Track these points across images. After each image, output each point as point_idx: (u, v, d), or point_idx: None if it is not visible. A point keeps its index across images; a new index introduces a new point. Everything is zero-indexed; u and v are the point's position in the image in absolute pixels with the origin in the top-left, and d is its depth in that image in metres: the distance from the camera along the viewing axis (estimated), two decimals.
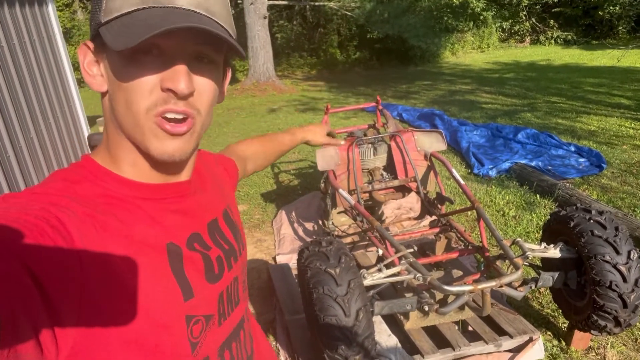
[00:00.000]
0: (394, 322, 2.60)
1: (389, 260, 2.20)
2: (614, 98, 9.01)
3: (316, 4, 12.10)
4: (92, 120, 6.19)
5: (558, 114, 7.93)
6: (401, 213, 4.10)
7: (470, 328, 2.55)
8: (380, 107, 3.93)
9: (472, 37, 17.57)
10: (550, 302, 2.84)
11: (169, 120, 0.61)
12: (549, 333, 2.63)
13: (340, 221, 3.69)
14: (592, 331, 2.22)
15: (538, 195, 4.27)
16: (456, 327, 2.51)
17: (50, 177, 0.64)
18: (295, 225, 3.86)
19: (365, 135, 3.53)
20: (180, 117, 0.62)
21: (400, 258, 2.24)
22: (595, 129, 6.88)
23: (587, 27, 18.76)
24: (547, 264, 2.44)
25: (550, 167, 4.93)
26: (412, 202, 4.19)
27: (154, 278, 0.61)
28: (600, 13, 17.90)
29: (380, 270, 2.16)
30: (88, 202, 0.60)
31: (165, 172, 0.69)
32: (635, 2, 17.21)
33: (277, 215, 4.09)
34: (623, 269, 2.01)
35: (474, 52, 17.77)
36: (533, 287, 2.24)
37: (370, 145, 3.44)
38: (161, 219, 0.67)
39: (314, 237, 2.24)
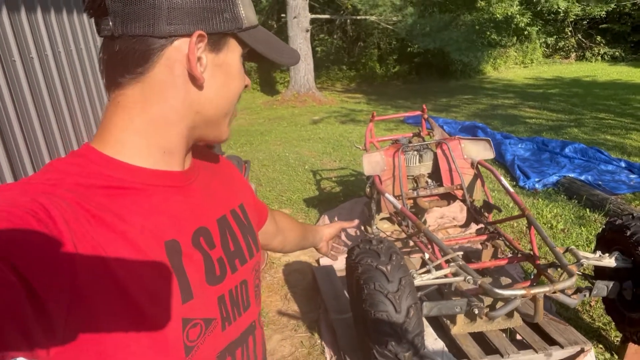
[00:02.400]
0: (439, 327, 2.59)
1: (437, 262, 2.20)
2: None
3: (357, 17, 12.23)
4: None
5: (606, 130, 7.69)
6: (444, 222, 4.07)
7: (518, 337, 2.51)
8: (426, 116, 3.95)
9: (515, 52, 17.28)
10: (602, 316, 2.76)
11: None
12: (601, 346, 2.56)
13: (383, 227, 3.70)
14: None
15: (588, 210, 4.15)
16: (504, 335, 2.48)
17: (47, 167, 0.60)
18: None
19: (410, 142, 3.55)
20: None
21: (448, 261, 2.24)
22: None
23: (636, 44, 18.12)
24: (601, 274, 2.38)
25: (600, 182, 4.79)
26: (455, 211, 4.16)
27: (151, 276, 0.58)
28: None
29: (429, 271, 2.17)
30: (85, 191, 0.57)
31: (170, 159, 0.66)
32: None
33: (319, 220, 4.14)
34: None
35: (516, 67, 17.46)
36: (587, 295, 2.20)
37: (415, 152, 3.46)
38: (165, 209, 0.64)
39: (365, 236, 2.27)
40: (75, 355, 0.52)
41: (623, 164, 5.41)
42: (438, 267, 2.22)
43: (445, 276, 2.16)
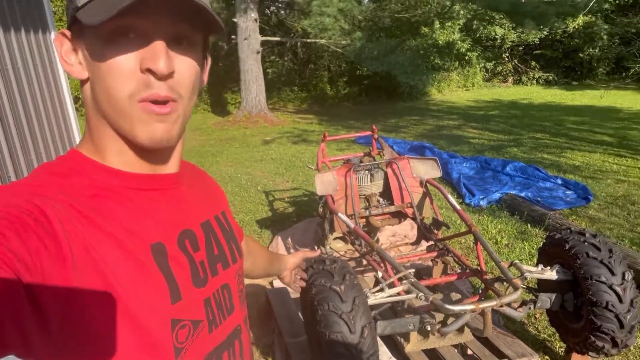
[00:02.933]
0: (394, 346, 2.60)
1: (390, 280, 2.23)
2: (597, 135, 9.33)
3: (307, 40, 12.45)
4: None
5: (543, 149, 8.16)
6: (396, 240, 4.14)
7: (469, 351, 2.56)
8: (376, 136, 4.03)
9: (458, 76, 18.14)
10: (547, 327, 2.87)
11: (153, 103, 0.61)
12: (547, 357, 2.65)
13: (336, 246, 3.71)
14: (589, 353, 2.25)
15: (529, 225, 4.36)
16: (456, 351, 2.52)
17: (36, 171, 0.61)
18: (292, 251, 3.87)
19: (361, 162, 3.61)
20: (162, 100, 0.61)
21: (400, 279, 2.27)
22: (580, 163, 7.09)
23: (567, 69, 19.52)
24: (544, 287, 2.49)
25: (539, 199, 5.06)
26: (406, 229, 4.24)
27: (140, 277, 0.59)
28: (580, 55, 18.69)
29: (382, 289, 2.19)
30: (75, 194, 0.58)
31: (153, 161, 0.67)
32: (614, 44, 18.04)
33: (272, 241, 4.10)
34: (618, 289, 2.07)
35: (459, 90, 18.31)
36: (532, 308, 2.28)
37: (367, 171, 3.52)
38: (151, 211, 0.65)
39: (318, 257, 2.27)
40: (66, 355, 0.53)
41: (560, 181, 5.75)
42: (391, 285, 2.25)
43: (398, 294, 2.18)
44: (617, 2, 17.16)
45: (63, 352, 0.53)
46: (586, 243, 2.23)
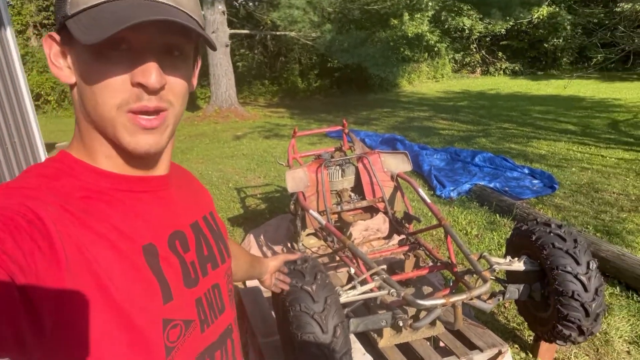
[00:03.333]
0: (367, 341, 2.60)
1: (363, 277, 2.22)
2: (561, 124, 9.59)
3: (277, 33, 12.32)
4: (50, 147, 5.98)
5: (510, 139, 8.34)
6: (369, 234, 4.15)
7: (442, 344, 2.59)
8: (347, 131, 4.02)
9: (427, 67, 18.32)
10: (516, 316, 2.94)
11: (142, 114, 0.61)
12: (516, 346, 2.71)
13: (309, 243, 3.70)
14: (557, 341, 2.31)
15: (498, 215, 4.44)
16: (428, 343, 2.55)
17: (25, 173, 0.62)
18: (264, 248, 3.84)
19: (332, 157, 3.59)
20: (152, 116, 0.61)
21: (372, 275, 2.27)
22: (546, 152, 7.27)
23: (532, 59, 19.98)
24: (512, 278, 2.53)
25: (507, 189, 5.16)
26: (379, 223, 4.26)
27: (132, 278, 0.60)
28: (545, 45, 19.14)
29: (354, 287, 2.18)
30: (66, 196, 0.59)
31: (142, 166, 0.68)
32: (577, 35, 18.53)
33: (245, 239, 4.05)
34: (584, 278, 2.12)
35: (429, 81, 18.51)
36: (501, 299, 2.32)
37: (338, 167, 3.50)
38: (142, 213, 0.66)
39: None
40: (60, 356, 0.54)
41: (526, 171, 5.88)
42: (363, 282, 2.24)
43: (371, 290, 2.18)
44: None
45: (57, 353, 0.53)
46: (552, 234, 2.27)
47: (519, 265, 2.35)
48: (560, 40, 19.08)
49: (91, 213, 0.59)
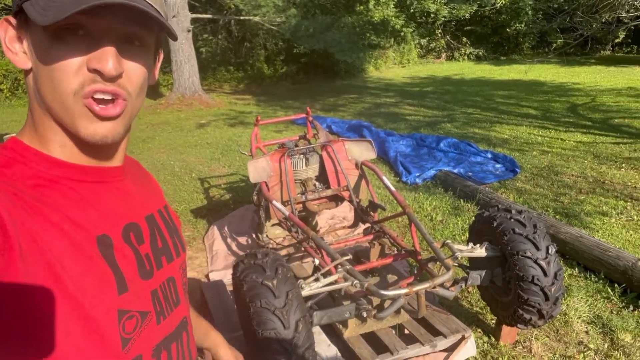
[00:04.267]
0: (332, 332, 2.59)
1: (326, 269, 2.19)
2: (523, 109, 9.80)
3: (241, 18, 12.04)
4: (2, 138, 5.66)
5: (474, 124, 8.46)
6: (335, 223, 4.13)
7: (406, 331, 2.60)
8: (311, 119, 3.96)
9: (394, 53, 18.36)
10: (479, 301, 2.98)
11: (98, 101, 0.60)
12: (479, 330, 2.75)
13: (274, 234, 3.64)
14: (518, 325, 2.34)
15: (462, 200, 4.49)
16: (393, 332, 2.55)
17: None
18: (229, 240, 3.76)
19: (296, 146, 3.53)
20: (109, 97, 0.60)
21: (336, 266, 2.24)
22: (508, 137, 7.42)
23: (496, 44, 20.32)
24: (475, 264, 2.55)
25: (471, 174, 5.22)
26: (345, 211, 4.24)
27: (86, 268, 0.59)
28: (507, 30, 19.47)
29: (317, 279, 2.14)
30: (18, 184, 0.57)
31: (97, 155, 0.67)
32: (538, 20, 18.92)
33: (208, 231, 3.95)
34: (543, 263, 2.15)
35: (395, 67, 18.58)
36: (463, 286, 2.33)
37: (302, 155, 3.44)
38: (96, 203, 0.65)
39: (249, 251, 2.18)
40: (14, 345, 0.53)
41: (489, 155, 5.98)
42: (327, 274, 2.21)
43: (334, 282, 2.15)
44: None
45: (10, 343, 0.53)
46: (512, 220, 2.29)
47: (480, 251, 2.36)
48: (522, 26, 19.46)
49: (44, 202, 0.58)
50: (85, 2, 0.53)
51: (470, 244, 2.38)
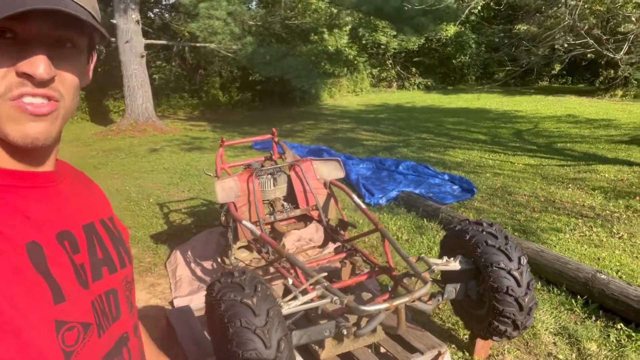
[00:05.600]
0: (308, 354, 2.50)
1: (303, 287, 2.13)
2: (472, 134, 10.24)
3: (196, 45, 11.98)
4: None
5: (429, 148, 8.74)
6: (302, 244, 4.07)
7: (382, 349, 2.56)
8: (277, 139, 3.94)
9: (347, 81, 18.81)
10: (450, 317, 2.99)
11: (28, 105, 0.58)
12: (453, 346, 2.75)
13: (241, 256, 3.53)
14: (493, 337, 2.36)
15: (425, 219, 4.57)
16: (370, 351, 2.50)
17: None
18: (193, 265, 3.61)
19: (263, 166, 3.48)
20: (39, 101, 0.58)
21: (313, 284, 2.19)
22: (461, 160, 7.69)
23: (443, 75, 21.30)
24: (448, 278, 2.57)
25: (431, 194, 5.34)
26: (311, 232, 4.19)
27: (15, 279, 0.55)
28: (453, 62, 20.49)
29: (295, 297, 2.08)
30: None
31: (27, 160, 0.64)
32: (481, 52, 20.06)
33: (170, 256, 3.78)
34: (516, 274, 2.20)
35: (349, 95, 19.00)
36: (440, 299, 2.33)
37: (269, 175, 3.40)
38: (26, 210, 0.61)
39: (215, 276, 2.09)
40: None
41: (446, 177, 6.16)
42: (304, 292, 2.15)
43: (312, 300, 2.09)
44: (481, 14, 19.08)
45: None
46: (484, 232, 2.34)
47: (455, 265, 2.38)
48: (467, 58, 20.56)
49: None
50: (12, 8, 0.51)
51: (445, 258, 2.40)
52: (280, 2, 12.78)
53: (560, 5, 12.40)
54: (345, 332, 2.11)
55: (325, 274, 2.20)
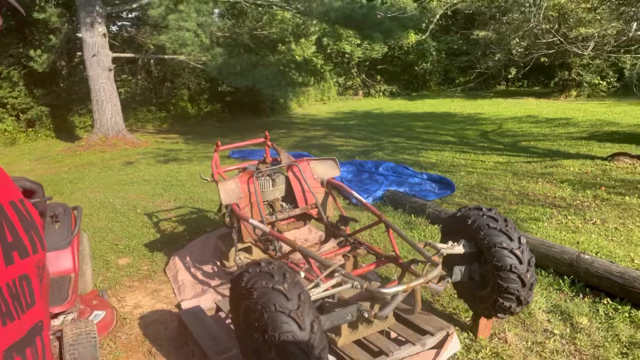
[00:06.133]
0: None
1: (325, 273, 2.23)
2: (442, 136, 10.59)
3: (164, 57, 11.90)
4: None
5: (403, 151, 8.98)
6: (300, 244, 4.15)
7: (392, 334, 2.68)
8: (269, 143, 4.02)
9: (315, 90, 19.03)
10: (450, 303, 3.15)
11: None
12: (457, 328, 2.89)
13: (241, 259, 3.58)
14: (498, 314, 2.52)
15: (412, 215, 4.74)
16: (382, 336, 2.61)
17: None
18: (193, 270, 3.63)
19: (257, 169, 3.57)
20: None
21: (331, 273, 2.30)
22: (435, 161, 7.96)
23: (407, 82, 21.86)
24: (451, 262, 2.72)
25: (414, 193, 5.53)
26: (305, 233, 4.28)
27: None
28: (416, 69, 21.08)
29: (317, 285, 2.18)
30: None
31: None
32: (442, 59, 20.75)
33: (169, 262, 3.79)
34: (518, 252, 2.37)
35: (317, 104, 19.21)
36: (449, 280, 2.48)
37: (268, 177, 3.48)
38: None
39: (249, 262, 2.16)
40: None
41: (425, 176, 6.38)
42: (322, 281, 2.25)
43: (334, 286, 2.19)
44: (440, 22, 19.75)
45: None
46: (485, 216, 2.51)
47: (459, 248, 2.54)
48: (428, 65, 21.21)
49: None
50: None
51: (450, 242, 2.55)
52: (247, 14, 12.90)
53: (515, 12, 13.11)
54: (366, 314, 2.22)
55: (343, 262, 2.31)
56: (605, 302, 3.04)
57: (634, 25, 5.53)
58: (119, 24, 14.29)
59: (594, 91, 16.66)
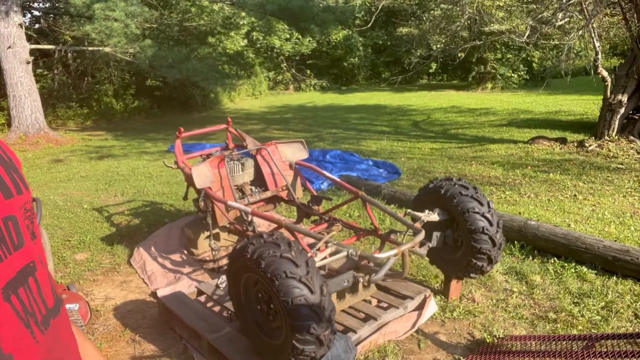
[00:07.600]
0: None
1: (320, 244, 2.32)
2: (377, 127, 11.00)
3: (90, 48, 11.19)
4: None
5: (343, 141, 9.23)
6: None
7: (374, 302, 2.83)
8: (232, 129, 4.01)
9: (246, 85, 18.83)
10: (418, 272, 3.36)
11: None
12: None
13: (206, 246, 3.52)
14: (471, 274, 2.75)
15: (370, 197, 4.93)
16: (369, 303, 2.75)
17: None
18: (160, 259, 3.54)
19: (223, 152, 3.55)
20: None
21: (326, 243, 2.39)
22: (376, 149, 8.28)
23: (336, 76, 22.31)
24: (426, 230, 2.92)
25: (366, 177, 5.74)
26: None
27: None
28: (344, 64, 21.56)
29: (315, 254, 2.26)
30: None
31: None
32: (368, 54, 21.40)
33: (133, 254, 3.65)
34: (488, 215, 2.60)
35: (248, 98, 19.04)
36: (430, 245, 2.66)
37: (237, 161, 3.48)
38: None
39: (250, 235, 2.19)
40: None
41: (371, 162, 6.63)
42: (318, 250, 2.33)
43: (331, 254, 2.29)
44: (365, 18, 20.35)
45: None
46: (456, 185, 2.72)
47: (434, 216, 2.73)
48: (356, 59, 21.81)
49: None
50: None
51: (426, 211, 2.74)
52: (173, 5, 12.48)
53: (433, 9, 13.87)
54: (361, 280, 2.34)
55: (335, 232, 2.40)
56: (553, 261, 3.41)
57: (560, 15, 6.13)
58: (34, 14, 13.21)
59: (507, 83, 18.07)
